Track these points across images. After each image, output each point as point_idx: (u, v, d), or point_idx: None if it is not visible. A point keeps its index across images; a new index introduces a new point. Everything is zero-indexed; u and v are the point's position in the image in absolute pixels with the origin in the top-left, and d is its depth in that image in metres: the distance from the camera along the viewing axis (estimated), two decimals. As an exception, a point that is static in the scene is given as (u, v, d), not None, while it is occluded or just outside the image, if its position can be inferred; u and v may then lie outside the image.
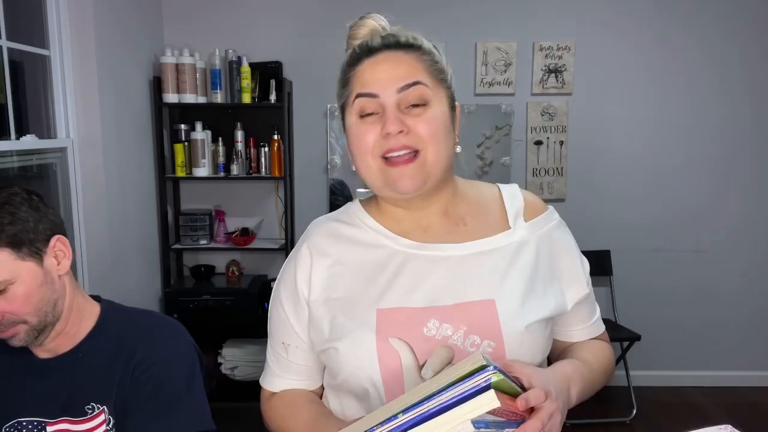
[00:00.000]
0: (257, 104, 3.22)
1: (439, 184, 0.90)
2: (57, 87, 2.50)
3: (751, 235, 3.54)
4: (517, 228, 0.94)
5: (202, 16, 3.37)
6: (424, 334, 0.86)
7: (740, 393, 3.52)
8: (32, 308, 1.07)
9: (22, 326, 1.08)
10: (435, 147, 0.86)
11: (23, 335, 1.09)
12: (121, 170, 2.79)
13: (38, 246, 1.08)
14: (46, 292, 1.09)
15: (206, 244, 3.31)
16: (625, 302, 3.49)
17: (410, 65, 0.87)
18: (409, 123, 0.85)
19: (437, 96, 0.88)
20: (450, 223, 0.95)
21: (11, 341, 1.09)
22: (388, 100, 0.85)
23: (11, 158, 2.34)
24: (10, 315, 1.06)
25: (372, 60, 0.88)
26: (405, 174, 0.86)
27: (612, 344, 1.08)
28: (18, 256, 1.05)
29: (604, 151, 3.49)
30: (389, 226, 0.95)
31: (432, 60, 0.89)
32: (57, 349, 1.16)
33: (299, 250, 0.98)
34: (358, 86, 0.88)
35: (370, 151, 0.87)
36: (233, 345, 3.27)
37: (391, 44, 0.88)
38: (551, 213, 0.99)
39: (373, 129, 0.86)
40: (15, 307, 1.06)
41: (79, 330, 1.17)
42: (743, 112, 3.46)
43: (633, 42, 3.41)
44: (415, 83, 0.85)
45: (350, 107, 0.89)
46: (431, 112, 0.86)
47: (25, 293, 1.06)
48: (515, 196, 0.98)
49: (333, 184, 3.49)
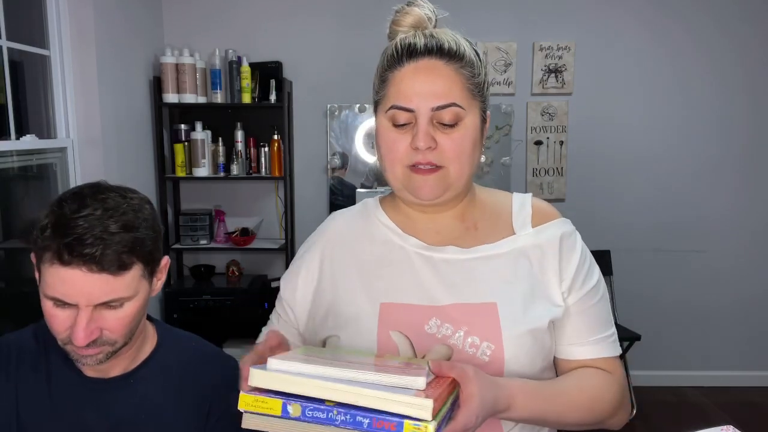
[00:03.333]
0: (257, 104, 3.22)
1: (458, 194, 0.92)
2: (57, 87, 2.50)
3: (750, 235, 3.54)
4: (522, 234, 0.95)
5: (202, 16, 3.37)
6: (425, 331, 0.88)
7: (740, 393, 3.52)
8: (128, 330, 0.96)
9: (108, 347, 0.95)
10: (459, 165, 0.87)
11: (102, 356, 0.95)
12: (121, 170, 2.79)
13: (156, 265, 0.98)
14: (142, 314, 0.98)
15: (206, 244, 3.31)
16: (625, 302, 3.49)
17: (449, 80, 0.86)
18: (439, 139, 0.86)
19: (470, 112, 0.88)
20: (462, 227, 0.96)
21: (86, 360, 0.95)
22: (422, 115, 0.85)
23: (11, 158, 2.34)
24: (109, 334, 0.93)
25: (412, 66, 0.87)
26: (427, 183, 0.88)
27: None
28: (144, 272, 0.94)
29: (604, 151, 3.49)
30: (402, 224, 0.97)
31: (471, 73, 0.88)
32: (108, 371, 1.02)
33: (314, 238, 1.02)
34: (393, 94, 0.87)
35: (400, 160, 0.88)
36: (233, 345, 3.27)
37: (434, 50, 0.87)
38: (563, 222, 0.97)
39: (404, 138, 0.87)
40: (118, 326, 0.94)
41: (137, 355, 1.05)
42: (742, 112, 3.46)
43: (633, 42, 3.41)
44: (450, 105, 0.85)
45: (384, 112, 0.89)
46: (461, 131, 0.87)
47: (133, 313, 0.94)
48: (524, 203, 0.98)
49: (333, 184, 3.49)
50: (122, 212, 0.92)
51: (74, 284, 0.88)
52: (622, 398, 0.93)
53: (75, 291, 0.89)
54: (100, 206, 0.91)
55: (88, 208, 0.90)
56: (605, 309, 0.96)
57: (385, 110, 0.89)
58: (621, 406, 0.93)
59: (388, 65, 0.89)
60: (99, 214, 0.90)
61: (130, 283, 0.92)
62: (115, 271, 0.90)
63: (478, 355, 0.86)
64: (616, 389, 0.92)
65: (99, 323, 0.92)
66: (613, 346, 0.95)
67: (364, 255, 0.96)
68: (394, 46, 0.89)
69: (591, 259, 0.97)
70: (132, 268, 0.92)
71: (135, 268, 0.92)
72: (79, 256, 0.87)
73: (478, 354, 0.86)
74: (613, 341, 0.95)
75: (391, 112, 0.87)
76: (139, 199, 0.97)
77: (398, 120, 0.87)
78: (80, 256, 0.87)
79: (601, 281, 0.97)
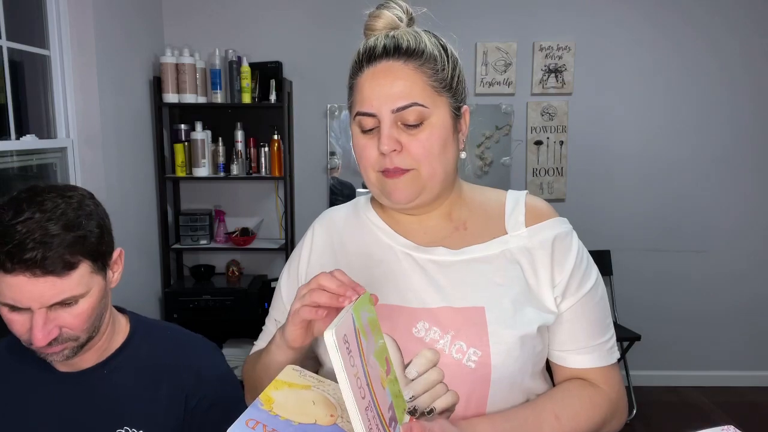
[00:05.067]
0: (257, 104, 3.22)
1: (438, 194, 0.91)
2: (57, 87, 2.50)
3: (751, 235, 3.54)
4: (514, 234, 0.92)
5: (202, 16, 3.37)
6: (412, 335, 0.86)
7: (740, 393, 3.52)
8: (89, 324, 0.98)
9: (72, 343, 0.97)
10: (429, 165, 0.86)
11: (68, 352, 0.98)
12: (121, 170, 2.79)
13: (107, 258, 0.99)
14: (101, 308, 1.00)
15: (206, 244, 3.31)
16: (625, 302, 3.49)
17: (408, 81, 0.85)
18: (404, 141, 0.85)
19: (436, 110, 0.86)
20: (451, 226, 0.95)
21: (53, 357, 0.98)
22: (384, 118, 0.85)
23: (11, 158, 2.34)
24: (68, 330, 0.96)
25: (371, 71, 0.87)
26: (398, 186, 0.87)
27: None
28: (93, 268, 0.95)
29: (604, 151, 3.49)
30: (392, 224, 0.97)
31: (433, 69, 0.87)
32: (81, 363, 1.05)
33: (307, 235, 1.02)
34: (358, 101, 0.88)
35: (372, 165, 0.88)
36: (233, 345, 3.28)
37: (391, 51, 0.86)
38: (558, 222, 0.93)
39: (373, 144, 0.87)
40: (76, 323, 0.95)
41: (109, 346, 1.08)
42: (743, 113, 3.46)
43: (633, 42, 3.41)
44: (410, 105, 0.84)
45: (352, 120, 0.90)
46: (427, 131, 0.86)
47: (89, 308, 0.96)
48: (518, 201, 0.95)
49: (333, 184, 3.49)
50: (61, 212, 0.92)
51: (22, 290, 0.90)
52: (614, 411, 0.92)
53: (24, 296, 0.90)
54: (38, 209, 0.91)
55: (26, 212, 0.90)
56: (603, 312, 0.93)
57: (353, 118, 0.90)
58: (614, 417, 0.92)
59: (352, 73, 0.90)
60: (38, 217, 0.90)
61: (79, 281, 0.93)
62: (60, 272, 0.90)
63: (464, 362, 0.84)
64: (606, 407, 0.90)
65: (57, 322, 0.94)
66: (608, 354, 0.92)
67: (355, 253, 0.96)
68: (357, 52, 0.90)
69: (588, 261, 0.94)
70: (78, 266, 0.92)
71: (82, 266, 0.93)
72: (21, 262, 0.88)
73: (464, 360, 0.84)
74: (609, 348, 0.93)
75: (357, 119, 0.88)
76: (79, 196, 0.97)
77: (365, 126, 0.87)
78: (21, 263, 0.88)
79: (600, 283, 0.94)
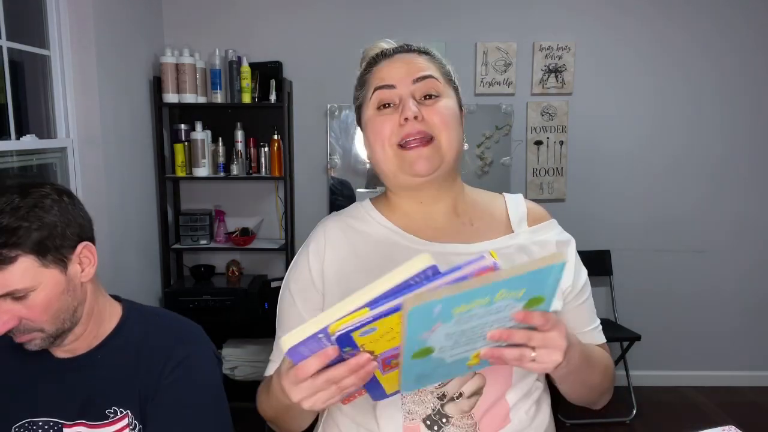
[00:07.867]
0: (257, 104, 3.22)
1: (449, 176, 0.96)
2: (57, 87, 2.50)
3: (750, 235, 3.54)
4: (520, 232, 0.99)
5: (202, 16, 3.37)
6: None
7: (740, 393, 3.52)
8: (50, 316, 1.02)
9: (38, 333, 1.03)
10: (447, 134, 0.93)
11: (39, 342, 1.04)
12: (121, 170, 2.79)
13: (64, 253, 1.02)
14: (66, 300, 1.04)
15: (206, 244, 3.31)
16: (625, 302, 3.49)
17: (423, 63, 0.96)
18: (424, 112, 0.92)
19: (447, 92, 0.96)
20: (459, 222, 0.99)
21: (27, 346, 1.05)
22: (404, 90, 0.93)
23: (11, 158, 2.34)
24: (28, 321, 1.01)
25: (388, 61, 0.97)
26: (421, 156, 0.91)
27: (612, 344, 1.08)
28: (42, 263, 0.99)
29: (604, 151, 3.49)
30: (399, 223, 0.98)
31: (441, 64, 0.99)
32: (76, 349, 1.12)
33: (312, 242, 1.01)
34: (376, 81, 0.96)
35: (387, 139, 0.93)
36: (233, 345, 3.27)
37: (404, 49, 0.99)
38: (554, 224, 1.03)
39: (390, 119, 0.93)
40: (34, 315, 1.00)
41: (99, 332, 1.13)
42: (742, 113, 3.46)
43: (633, 42, 3.41)
44: (428, 76, 0.94)
45: (368, 102, 0.96)
46: (443, 102, 0.94)
47: (45, 301, 1.00)
48: (519, 203, 1.03)
49: (333, 184, 3.49)
50: (12, 208, 0.97)
51: None
52: (613, 384, 1.02)
53: None
54: None
55: None
56: (591, 303, 1.03)
57: (369, 99, 0.96)
58: (610, 390, 1.02)
59: (365, 70, 1.00)
60: None
61: (23, 275, 0.97)
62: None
63: None
64: (610, 361, 1.02)
65: (12, 313, 0.99)
66: (600, 335, 1.04)
67: (367, 256, 0.96)
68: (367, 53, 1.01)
69: (579, 262, 1.02)
70: (17, 260, 0.97)
71: (23, 260, 0.97)
72: None
73: None
74: (599, 330, 1.04)
75: (375, 94, 0.95)
76: (43, 192, 1.01)
77: (383, 100, 0.94)
78: None
79: (587, 279, 1.02)
